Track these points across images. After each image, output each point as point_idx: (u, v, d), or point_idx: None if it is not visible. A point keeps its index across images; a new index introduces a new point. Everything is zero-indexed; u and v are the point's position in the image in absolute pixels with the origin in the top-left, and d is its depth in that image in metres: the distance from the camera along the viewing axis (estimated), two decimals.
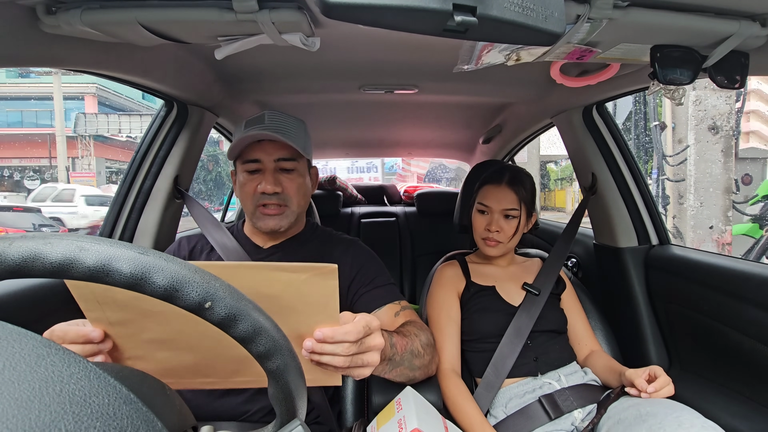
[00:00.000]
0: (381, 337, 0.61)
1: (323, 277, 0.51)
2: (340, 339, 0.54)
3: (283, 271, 0.50)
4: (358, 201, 2.55)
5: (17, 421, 0.20)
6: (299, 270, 0.51)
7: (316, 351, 0.54)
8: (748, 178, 6.48)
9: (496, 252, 1.08)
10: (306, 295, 0.52)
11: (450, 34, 0.47)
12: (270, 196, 0.89)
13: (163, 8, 0.61)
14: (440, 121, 1.72)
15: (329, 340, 0.54)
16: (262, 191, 0.88)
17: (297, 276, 0.51)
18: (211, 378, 0.58)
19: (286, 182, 0.91)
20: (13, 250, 0.29)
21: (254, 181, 0.90)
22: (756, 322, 0.89)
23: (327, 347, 0.54)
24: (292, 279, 0.51)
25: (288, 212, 0.91)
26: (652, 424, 0.74)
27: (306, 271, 0.51)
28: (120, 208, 1.13)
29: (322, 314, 0.54)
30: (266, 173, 0.90)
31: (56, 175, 14.60)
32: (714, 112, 4.25)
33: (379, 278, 0.94)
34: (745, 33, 0.63)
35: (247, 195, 0.91)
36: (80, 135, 14.10)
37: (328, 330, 0.54)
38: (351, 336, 0.55)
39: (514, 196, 1.05)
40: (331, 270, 0.51)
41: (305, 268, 0.51)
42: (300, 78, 1.12)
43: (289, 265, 0.51)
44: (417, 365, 0.79)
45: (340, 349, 0.54)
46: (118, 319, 0.52)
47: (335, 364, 0.55)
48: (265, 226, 0.90)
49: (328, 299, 0.53)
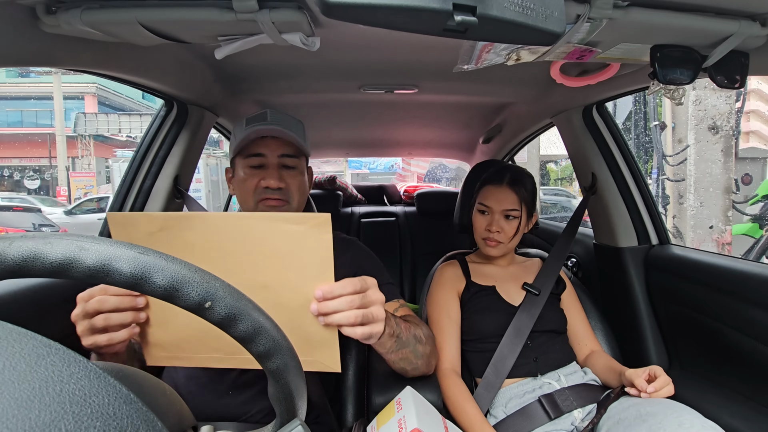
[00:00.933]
0: (380, 293, 0.62)
1: (319, 228, 0.53)
2: (339, 292, 0.56)
3: (284, 222, 0.53)
4: (358, 201, 2.55)
5: (17, 421, 0.20)
6: (298, 221, 0.53)
7: (322, 311, 0.55)
8: (748, 178, 6.48)
9: (497, 252, 1.08)
10: (304, 249, 0.54)
11: (450, 33, 0.47)
12: (273, 191, 0.89)
13: (163, 8, 0.61)
14: (440, 121, 1.72)
15: (329, 295, 0.55)
16: (266, 186, 0.89)
17: (297, 228, 0.53)
18: (220, 353, 0.59)
19: (289, 179, 0.91)
20: (13, 250, 0.29)
21: (257, 176, 0.90)
22: (756, 322, 0.89)
23: (331, 304, 0.55)
24: (291, 230, 0.53)
25: (288, 208, 0.92)
26: (652, 424, 0.74)
27: (303, 222, 0.53)
28: (120, 207, 1.13)
29: (319, 273, 0.56)
30: (270, 168, 0.90)
31: (56, 174, 14.60)
32: (714, 111, 4.25)
33: (379, 278, 0.93)
34: (745, 33, 0.63)
35: (248, 190, 0.90)
36: (80, 135, 14.09)
37: (326, 286, 0.56)
38: (348, 288, 0.57)
39: (515, 196, 1.05)
40: (324, 219, 0.53)
41: (303, 219, 0.53)
42: (300, 78, 1.12)
43: (289, 215, 0.54)
44: (420, 352, 0.80)
45: (345, 303, 0.56)
46: None
47: (348, 321, 0.56)
48: None
49: (323, 253, 0.55)
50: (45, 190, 15.41)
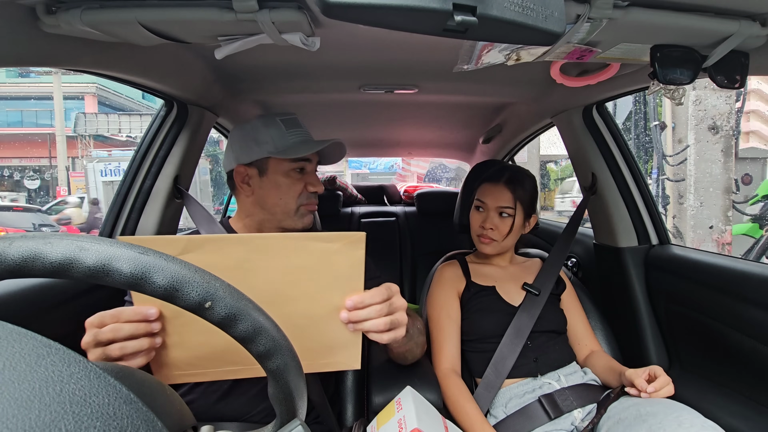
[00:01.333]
0: (403, 299, 0.64)
1: (352, 246, 0.54)
2: (369, 302, 0.58)
3: (317, 241, 0.53)
4: (358, 201, 2.55)
5: (17, 421, 0.20)
6: (332, 239, 0.54)
7: (353, 319, 0.57)
8: (748, 178, 6.47)
9: (490, 250, 1.08)
10: (336, 264, 0.55)
11: (450, 33, 0.47)
12: (315, 195, 0.94)
13: (163, 8, 0.61)
14: (440, 121, 1.72)
15: (360, 306, 0.57)
16: (314, 191, 0.93)
17: (330, 246, 0.54)
18: (238, 365, 0.59)
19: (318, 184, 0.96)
20: (13, 250, 0.29)
21: (301, 181, 0.92)
22: (756, 322, 0.89)
23: (361, 313, 0.57)
24: (325, 249, 0.54)
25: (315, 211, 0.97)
26: (652, 423, 0.74)
27: (337, 240, 0.54)
28: (120, 207, 1.13)
29: (349, 284, 0.57)
30: (312, 174, 0.94)
31: (56, 174, 14.59)
32: (714, 111, 4.25)
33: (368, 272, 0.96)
34: (745, 33, 0.63)
35: (294, 193, 0.91)
36: (80, 135, 14.08)
37: (357, 297, 0.57)
38: (378, 297, 0.58)
39: (510, 194, 1.06)
40: (359, 238, 0.54)
41: (337, 237, 0.54)
42: (300, 78, 1.12)
43: (321, 235, 0.54)
44: (420, 342, 0.86)
45: (374, 312, 0.58)
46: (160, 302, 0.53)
47: (378, 328, 0.58)
48: (303, 222, 0.93)
49: (355, 269, 0.56)
50: (45, 190, 15.41)
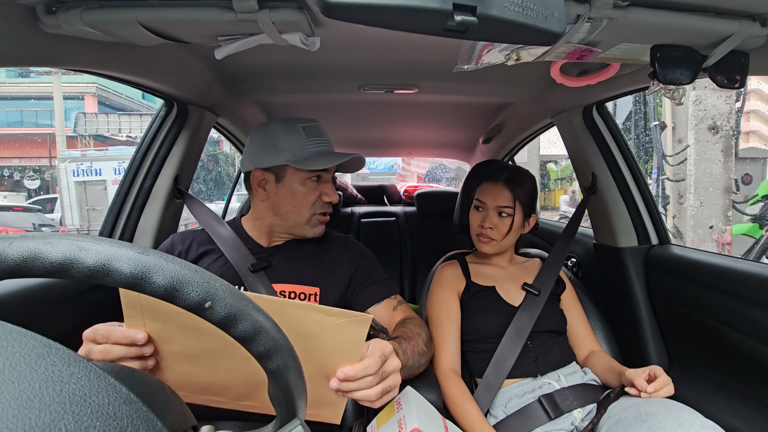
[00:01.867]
0: (396, 359, 0.63)
1: (356, 324, 0.54)
2: (362, 375, 0.57)
3: (321, 313, 0.53)
4: (358, 201, 2.55)
5: (17, 420, 0.20)
6: (337, 314, 0.53)
7: (343, 389, 0.56)
8: (748, 178, 6.47)
9: (489, 249, 1.08)
10: (336, 338, 0.55)
11: (450, 33, 0.47)
12: (330, 205, 0.94)
13: (163, 8, 0.61)
14: (440, 121, 1.72)
15: (351, 378, 0.56)
16: (328, 200, 0.93)
17: (333, 319, 0.53)
18: (221, 398, 0.60)
19: None
20: (13, 250, 0.29)
21: (316, 190, 0.92)
22: (756, 322, 0.89)
23: (352, 385, 0.56)
24: (328, 321, 0.53)
25: None
26: (652, 423, 0.74)
27: (343, 317, 0.53)
28: (120, 207, 1.13)
29: (344, 357, 0.57)
30: (327, 183, 0.93)
31: (56, 174, 14.59)
32: (714, 111, 4.25)
33: (376, 274, 0.97)
34: (745, 33, 0.63)
35: (308, 203, 0.91)
36: (80, 135, 14.08)
37: (349, 369, 0.56)
38: (371, 369, 0.57)
39: (510, 194, 1.06)
40: (365, 319, 0.54)
41: (342, 314, 0.53)
42: (300, 78, 1.12)
43: (328, 309, 0.53)
44: (422, 363, 0.85)
45: (365, 384, 0.57)
46: (154, 329, 0.53)
47: (368, 398, 0.58)
48: (314, 232, 0.94)
49: (354, 345, 0.56)
50: (45, 190, 15.40)
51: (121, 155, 10.11)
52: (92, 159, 9.99)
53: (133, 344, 0.53)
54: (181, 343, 0.54)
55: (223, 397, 0.60)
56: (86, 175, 9.54)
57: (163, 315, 0.51)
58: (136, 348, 0.53)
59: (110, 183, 9.48)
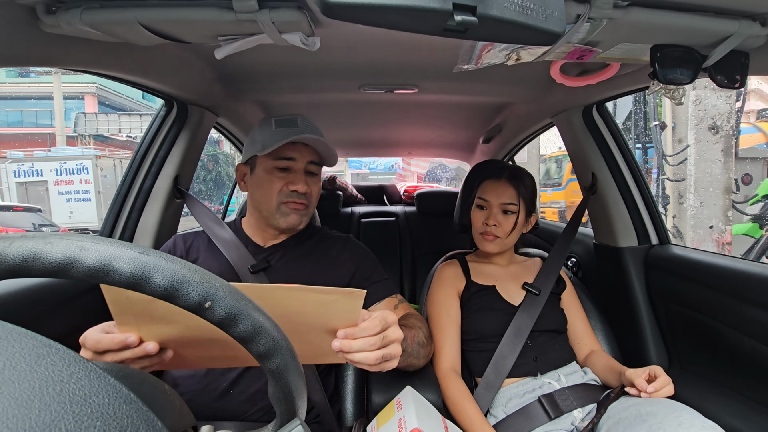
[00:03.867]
0: (399, 330, 0.64)
1: (350, 297, 0.54)
2: (361, 334, 0.57)
3: (316, 293, 0.53)
4: (358, 201, 2.55)
5: (17, 420, 0.20)
6: (330, 293, 0.53)
7: (345, 348, 0.57)
8: (748, 177, 6.46)
9: (494, 248, 1.08)
10: (332, 311, 0.55)
11: (450, 33, 0.47)
12: (300, 195, 0.92)
13: (163, 8, 0.61)
14: (440, 120, 1.72)
15: (351, 336, 0.57)
16: (293, 189, 0.91)
17: (328, 297, 0.53)
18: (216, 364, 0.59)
19: (312, 185, 0.95)
20: (13, 250, 0.29)
21: (283, 179, 0.92)
22: (756, 322, 0.89)
23: (354, 344, 0.57)
24: (323, 299, 0.54)
25: (307, 212, 0.95)
26: (652, 423, 0.74)
27: (337, 294, 0.53)
28: (120, 207, 1.13)
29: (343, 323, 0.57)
30: (297, 173, 0.93)
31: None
32: (714, 111, 4.25)
33: (376, 274, 0.97)
34: (745, 33, 0.63)
35: (272, 191, 0.91)
36: (80, 135, 14.08)
37: (350, 329, 0.57)
38: (371, 330, 0.58)
39: (513, 191, 1.06)
40: (359, 295, 0.54)
41: (336, 291, 0.53)
42: (300, 78, 1.12)
43: (322, 288, 0.53)
44: (422, 354, 0.85)
45: (366, 344, 0.57)
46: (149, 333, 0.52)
47: (367, 361, 0.58)
48: (288, 222, 0.92)
49: (351, 315, 0.56)
50: None
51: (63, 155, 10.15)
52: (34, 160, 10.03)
53: (127, 347, 0.51)
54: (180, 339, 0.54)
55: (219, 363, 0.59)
56: (27, 175, 9.62)
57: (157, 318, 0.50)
58: (138, 349, 0.52)
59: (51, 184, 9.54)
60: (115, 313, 0.50)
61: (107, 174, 9.96)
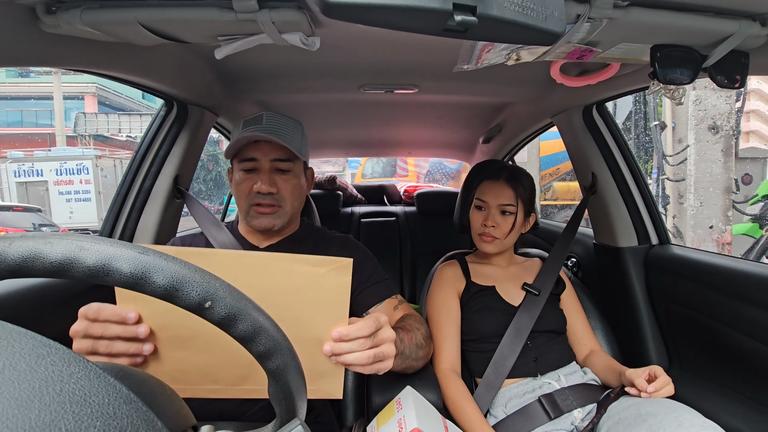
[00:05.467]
0: (391, 330, 0.63)
1: (339, 272, 0.54)
2: (354, 335, 0.57)
3: (304, 264, 0.53)
4: (358, 201, 2.55)
5: (17, 420, 0.20)
6: (319, 263, 0.54)
7: (336, 351, 0.56)
8: (748, 177, 6.47)
9: (492, 248, 1.08)
10: (322, 289, 0.55)
11: (450, 33, 0.47)
12: (264, 195, 0.89)
13: (163, 8, 0.61)
14: (440, 120, 1.72)
15: (345, 338, 0.56)
16: (257, 191, 0.89)
17: (316, 270, 0.54)
18: (219, 385, 0.60)
19: (281, 183, 0.91)
20: (13, 250, 0.29)
21: (250, 181, 0.90)
22: (756, 322, 0.89)
23: (345, 345, 0.57)
24: (311, 272, 0.54)
25: (281, 212, 0.92)
26: (652, 423, 0.74)
27: (324, 265, 0.54)
28: (120, 207, 1.13)
29: (333, 313, 0.57)
30: (262, 173, 0.90)
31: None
32: (714, 111, 4.25)
33: (376, 275, 0.97)
34: (745, 33, 0.63)
35: (242, 193, 0.91)
36: (80, 135, 14.08)
37: (343, 328, 0.57)
38: (364, 331, 0.57)
39: (512, 192, 1.06)
40: (346, 264, 0.54)
41: (324, 262, 0.54)
42: (300, 78, 1.12)
43: (309, 258, 0.54)
44: (421, 356, 0.84)
45: (357, 345, 0.57)
46: (147, 313, 0.53)
47: (359, 362, 0.58)
48: (258, 224, 0.91)
49: (340, 296, 0.56)
50: None
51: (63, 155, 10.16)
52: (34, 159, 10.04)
53: (124, 322, 0.53)
54: (175, 327, 0.54)
55: (221, 384, 0.59)
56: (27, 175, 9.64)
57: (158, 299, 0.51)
58: (132, 327, 0.53)
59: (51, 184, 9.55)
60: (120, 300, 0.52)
61: (107, 174, 9.98)
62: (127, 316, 0.53)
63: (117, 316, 0.53)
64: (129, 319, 0.53)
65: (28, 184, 9.65)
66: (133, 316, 0.53)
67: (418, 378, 0.86)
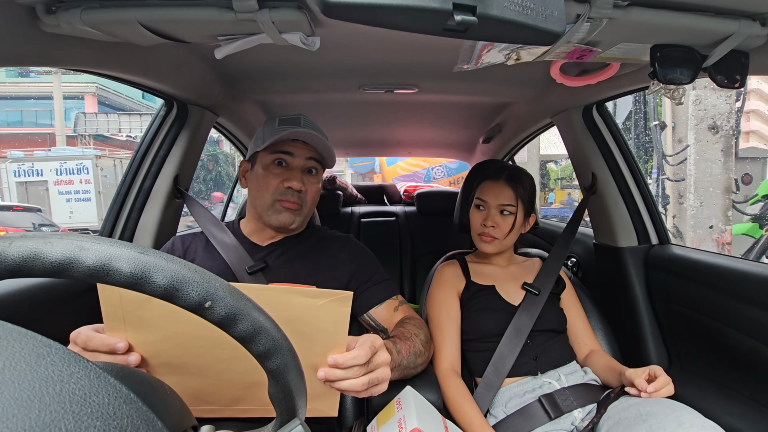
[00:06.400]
0: (387, 353, 0.63)
1: (338, 303, 0.54)
2: (350, 363, 0.57)
3: (302, 296, 0.53)
4: (358, 200, 2.55)
5: (17, 420, 0.20)
6: (317, 296, 0.53)
7: (330, 378, 0.56)
8: (748, 177, 6.47)
9: (492, 249, 1.08)
10: (320, 319, 0.55)
11: (450, 33, 0.47)
12: (294, 192, 0.91)
13: (163, 8, 0.61)
14: (440, 120, 1.72)
15: (341, 366, 0.56)
16: (288, 186, 0.90)
17: (315, 301, 0.53)
18: (213, 405, 0.60)
19: (309, 184, 0.93)
20: (13, 250, 0.29)
21: (280, 176, 0.91)
22: (756, 322, 0.89)
23: (339, 373, 0.56)
24: (310, 303, 0.53)
25: (302, 212, 0.94)
26: (652, 423, 0.74)
27: (324, 297, 0.53)
28: (120, 207, 1.13)
29: (331, 341, 0.57)
30: (295, 170, 0.92)
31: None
32: (714, 111, 4.25)
33: (377, 275, 0.97)
34: (745, 32, 0.63)
35: (268, 186, 0.91)
36: (80, 134, 14.08)
37: (339, 356, 0.56)
38: (360, 359, 0.57)
39: (511, 192, 1.06)
40: (346, 297, 0.54)
41: (323, 294, 0.53)
42: (300, 77, 1.12)
43: (309, 291, 0.53)
44: (419, 363, 0.84)
45: (352, 373, 0.57)
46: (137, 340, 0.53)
47: (355, 389, 0.57)
48: (279, 220, 0.91)
49: (338, 325, 0.56)
50: None
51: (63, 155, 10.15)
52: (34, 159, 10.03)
53: (113, 352, 0.52)
54: (167, 353, 0.53)
55: (217, 404, 0.60)
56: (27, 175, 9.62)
57: (146, 324, 0.50)
58: (121, 356, 0.52)
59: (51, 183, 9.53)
60: (107, 317, 0.51)
61: (107, 174, 9.98)
62: (116, 346, 0.52)
63: (106, 346, 0.52)
64: (119, 349, 0.52)
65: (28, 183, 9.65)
66: (122, 345, 0.52)
67: (418, 378, 0.86)
